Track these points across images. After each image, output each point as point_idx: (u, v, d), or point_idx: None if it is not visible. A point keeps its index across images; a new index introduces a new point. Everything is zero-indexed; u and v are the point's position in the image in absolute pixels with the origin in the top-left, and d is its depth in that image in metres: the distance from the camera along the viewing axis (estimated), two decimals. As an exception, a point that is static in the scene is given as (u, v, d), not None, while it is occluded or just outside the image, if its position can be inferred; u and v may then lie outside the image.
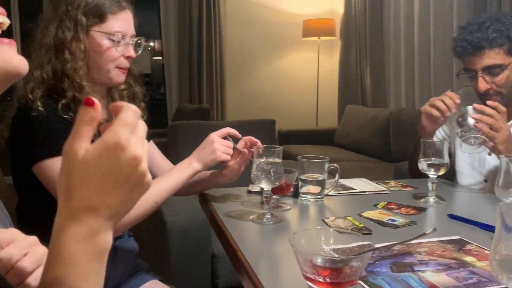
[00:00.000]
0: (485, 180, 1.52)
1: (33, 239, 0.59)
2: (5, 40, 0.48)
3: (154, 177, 1.23)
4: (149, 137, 1.32)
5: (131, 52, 1.16)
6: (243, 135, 1.22)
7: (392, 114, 3.54)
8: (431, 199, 1.25)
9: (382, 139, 3.60)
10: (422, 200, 1.26)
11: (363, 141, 3.83)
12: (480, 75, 1.41)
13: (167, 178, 1.12)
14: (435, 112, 1.35)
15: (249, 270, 0.79)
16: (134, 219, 1.05)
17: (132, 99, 1.26)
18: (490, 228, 0.98)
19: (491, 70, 1.40)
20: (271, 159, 1.10)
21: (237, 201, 1.26)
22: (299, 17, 4.80)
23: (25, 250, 0.56)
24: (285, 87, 5.03)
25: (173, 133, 2.49)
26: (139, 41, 1.20)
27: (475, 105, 1.32)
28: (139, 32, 1.22)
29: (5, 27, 0.48)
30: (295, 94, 5.05)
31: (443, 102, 1.35)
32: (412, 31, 3.63)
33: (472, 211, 1.17)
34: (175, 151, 2.27)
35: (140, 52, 1.21)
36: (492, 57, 1.39)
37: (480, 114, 1.30)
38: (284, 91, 5.02)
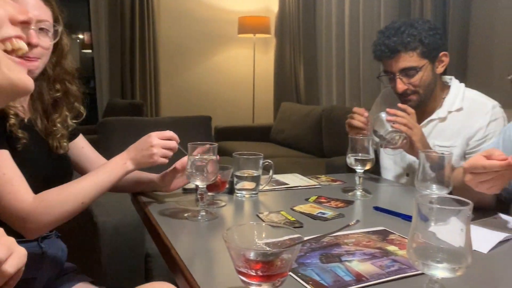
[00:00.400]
0: (407, 174, 1.63)
1: (12, 238, 0.54)
2: (17, 59, 0.54)
3: (85, 172, 1.19)
4: (78, 133, 1.27)
5: (33, 38, 0.99)
6: (178, 132, 1.20)
7: (324, 111, 3.66)
8: (358, 192, 1.31)
9: (315, 135, 3.72)
10: (350, 194, 1.32)
11: (297, 137, 3.93)
12: (397, 77, 1.51)
13: (96, 177, 1.08)
14: (358, 124, 1.45)
15: (183, 269, 0.79)
16: (58, 217, 1.00)
17: (67, 100, 1.17)
18: (410, 219, 1.05)
19: (407, 72, 1.51)
20: (206, 156, 1.11)
21: (171, 199, 1.24)
22: (235, 14, 4.82)
23: (10, 250, 0.51)
24: (221, 84, 5.03)
25: (104, 130, 2.40)
26: (56, 29, 1.07)
27: (388, 109, 1.41)
28: (67, 23, 1.15)
29: (20, 53, 0.54)
30: (231, 91, 5.07)
31: (355, 119, 1.45)
32: (343, 30, 3.77)
33: (395, 203, 1.25)
34: (106, 148, 2.19)
35: (55, 40, 1.08)
36: (407, 60, 1.49)
37: (394, 116, 1.40)
38: (221, 88, 5.03)
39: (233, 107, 5.04)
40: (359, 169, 1.30)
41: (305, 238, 0.87)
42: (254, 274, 0.61)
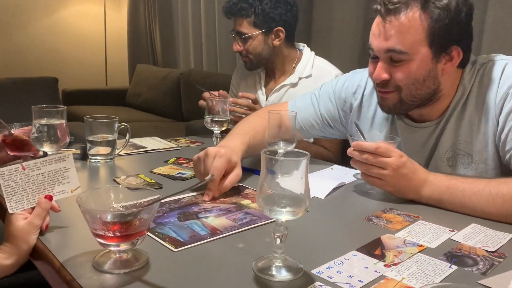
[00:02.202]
0: None
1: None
2: None
3: None
4: None
5: None
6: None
7: (182, 75, 3.64)
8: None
9: (173, 99, 3.69)
10: None
11: (155, 101, 3.85)
12: (233, 36, 1.68)
13: None
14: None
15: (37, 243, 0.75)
16: None
17: None
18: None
19: (240, 36, 1.66)
20: (53, 120, 1.03)
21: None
22: (81, -35, 4.40)
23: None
24: (68, 42, 4.60)
25: None
26: None
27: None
28: None
29: None
30: (81, 51, 4.67)
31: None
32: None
33: (251, 160, 1.33)
34: None
35: None
36: (240, 24, 1.65)
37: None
38: (68, 47, 4.59)
39: (83, 68, 4.68)
40: (216, 129, 1.35)
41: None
42: (112, 235, 0.62)
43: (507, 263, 0.73)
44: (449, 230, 0.86)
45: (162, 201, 0.67)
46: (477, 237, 0.83)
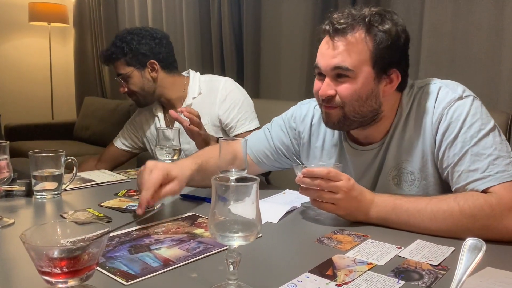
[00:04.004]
0: None
1: None
2: None
3: None
4: None
5: None
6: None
7: (132, 106, 3.59)
8: None
9: (123, 131, 3.61)
10: None
11: (104, 134, 3.75)
12: (119, 81, 1.80)
13: None
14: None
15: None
16: None
17: None
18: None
19: (120, 76, 1.78)
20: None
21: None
22: (24, -1, 4.31)
23: None
24: (11, 76, 4.46)
25: None
26: None
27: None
28: None
29: None
30: (24, 84, 4.53)
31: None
32: (147, 25, 3.75)
33: (202, 190, 1.33)
34: None
35: None
36: (118, 67, 1.78)
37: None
38: (11, 81, 4.45)
39: (27, 102, 4.53)
40: (168, 160, 1.34)
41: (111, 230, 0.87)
42: (59, 271, 0.59)
43: (449, 275, 0.76)
44: (396, 247, 0.89)
45: (111, 234, 0.66)
46: (422, 252, 0.87)
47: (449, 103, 1.04)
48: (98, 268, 0.72)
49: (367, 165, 1.18)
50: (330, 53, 1.05)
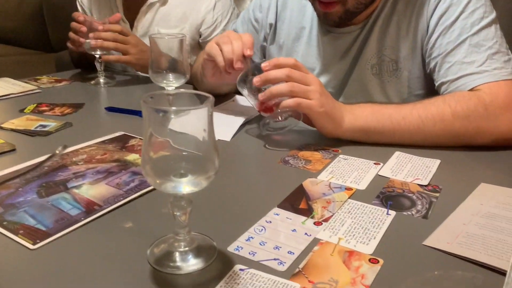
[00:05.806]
0: None
1: None
2: None
3: None
4: None
5: None
6: None
7: (43, -4, 3.06)
8: (101, 80, 1.21)
9: (36, 27, 3.12)
10: (92, 82, 1.22)
11: (13, 31, 3.23)
12: None
13: None
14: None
15: None
16: None
17: None
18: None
19: None
20: None
21: None
22: None
23: None
24: None
25: None
26: None
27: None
28: None
29: None
30: None
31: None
32: None
33: (130, 100, 1.09)
34: None
35: None
36: None
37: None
38: None
39: None
40: (97, 54, 1.13)
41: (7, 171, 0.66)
42: None
43: (444, 197, 0.64)
44: (374, 164, 0.75)
45: (12, 169, 0.44)
46: (405, 168, 0.73)
47: None
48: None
49: (344, 51, 1.01)
50: None
